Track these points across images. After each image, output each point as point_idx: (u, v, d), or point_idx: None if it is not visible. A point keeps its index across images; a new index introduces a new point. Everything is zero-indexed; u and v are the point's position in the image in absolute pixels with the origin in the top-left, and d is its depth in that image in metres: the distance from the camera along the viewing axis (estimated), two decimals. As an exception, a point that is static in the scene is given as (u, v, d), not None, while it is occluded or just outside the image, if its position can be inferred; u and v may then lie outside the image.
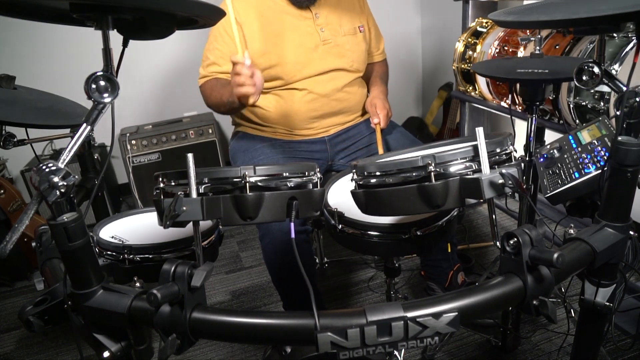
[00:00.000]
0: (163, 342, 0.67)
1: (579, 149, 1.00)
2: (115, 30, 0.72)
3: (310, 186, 0.84)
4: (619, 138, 0.75)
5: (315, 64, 1.60)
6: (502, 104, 2.19)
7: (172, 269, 0.67)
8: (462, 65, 2.34)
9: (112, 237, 1.11)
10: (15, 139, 1.21)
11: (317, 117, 1.66)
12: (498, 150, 0.80)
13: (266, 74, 1.58)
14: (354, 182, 0.88)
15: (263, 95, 1.65)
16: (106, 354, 0.76)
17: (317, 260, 2.02)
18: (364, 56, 1.73)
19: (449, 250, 1.70)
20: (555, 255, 0.64)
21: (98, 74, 0.69)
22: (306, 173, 0.84)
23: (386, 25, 1.88)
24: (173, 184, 0.80)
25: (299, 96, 1.61)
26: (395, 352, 1.28)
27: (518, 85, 1.40)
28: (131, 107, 2.92)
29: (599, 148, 0.95)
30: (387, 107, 1.65)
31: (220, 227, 1.16)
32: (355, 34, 1.69)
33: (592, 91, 1.58)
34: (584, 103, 1.63)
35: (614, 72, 1.44)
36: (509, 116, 1.89)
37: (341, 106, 1.68)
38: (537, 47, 1.38)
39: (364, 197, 0.85)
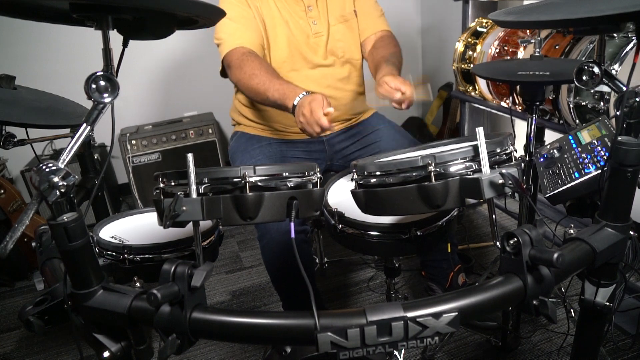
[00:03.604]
0: (163, 342, 0.67)
1: (579, 149, 1.00)
2: (115, 30, 0.72)
3: (310, 186, 0.84)
4: (619, 138, 0.75)
5: (305, 58, 1.59)
6: (502, 104, 2.19)
7: (172, 269, 0.67)
8: (462, 65, 2.34)
9: (112, 237, 1.11)
10: (15, 139, 1.21)
11: None
12: (498, 150, 0.80)
13: None
14: (354, 181, 0.88)
15: None
16: (106, 354, 0.76)
17: (317, 260, 2.02)
18: (355, 41, 1.68)
19: (449, 251, 1.70)
20: (555, 255, 0.64)
21: (98, 74, 0.69)
22: (306, 173, 0.84)
23: (386, 25, 1.88)
24: (173, 184, 0.80)
25: None
26: (395, 352, 1.28)
27: (518, 86, 1.40)
28: (131, 107, 2.92)
29: (599, 148, 0.95)
30: (401, 78, 1.36)
31: (220, 227, 1.16)
32: (347, 20, 1.65)
33: (592, 91, 1.59)
34: (584, 103, 1.63)
35: (614, 72, 1.44)
36: (509, 116, 1.89)
37: (335, 103, 1.65)
38: (537, 49, 1.38)
39: (364, 197, 0.85)
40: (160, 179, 0.81)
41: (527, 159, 1.31)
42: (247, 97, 1.52)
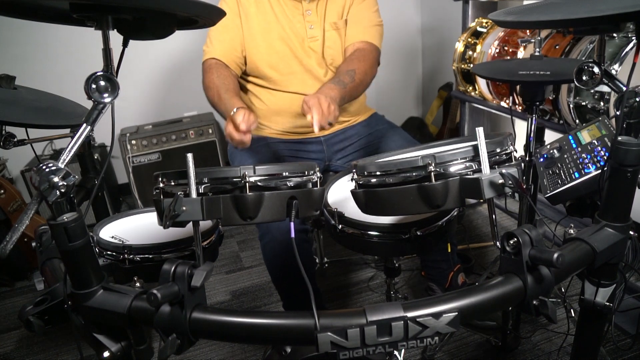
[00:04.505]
0: (163, 342, 0.67)
1: (579, 149, 1.00)
2: (115, 30, 0.72)
3: (310, 186, 0.84)
4: (619, 138, 0.75)
5: (300, 61, 1.60)
6: (502, 104, 2.19)
7: (172, 269, 0.67)
8: (462, 65, 2.34)
9: (112, 237, 1.11)
10: (15, 139, 1.21)
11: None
12: (498, 150, 0.80)
13: (255, 62, 1.60)
14: (354, 181, 0.88)
15: (257, 91, 1.66)
16: (106, 354, 0.76)
17: (317, 260, 2.02)
18: (342, 50, 1.66)
19: (449, 251, 1.70)
20: (555, 255, 0.64)
21: (98, 74, 0.69)
22: (306, 173, 0.84)
23: (386, 25, 1.87)
24: (173, 184, 0.80)
25: (288, 94, 1.62)
26: (395, 352, 1.28)
27: (518, 85, 1.40)
28: (131, 107, 2.92)
29: (599, 148, 0.95)
30: (318, 98, 1.24)
31: (220, 227, 1.16)
32: (338, 29, 1.64)
33: (592, 91, 1.59)
34: (584, 103, 1.63)
35: (614, 72, 1.44)
36: (509, 116, 1.89)
37: None
38: (537, 49, 1.38)
39: (364, 197, 0.85)
40: (160, 179, 0.81)
41: (527, 159, 1.31)
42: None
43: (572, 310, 1.61)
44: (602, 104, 1.56)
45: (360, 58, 1.56)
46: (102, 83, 0.69)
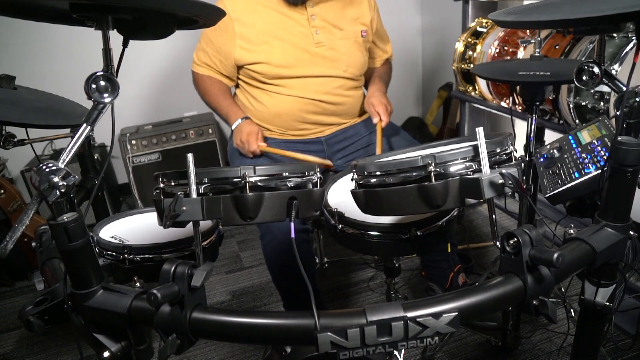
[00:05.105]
0: (163, 342, 0.67)
1: (579, 149, 1.00)
2: (115, 30, 0.72)
3: (310, 186, 0.84)
4: (619, 138, 0.75)
5: (305, 66, 1.59)
6: (502, 104, 2.19)
7: (172, 269, 0.67)
8: (462, 65, 2.34)
9: (112, 237, 1.11)
10: (15, 139, 1.21)
11: (310, 118, 1.65)
12: (498, 150, 0.80)
13: (255, 68, 1.60)
14: (354, 181, 0.88)
15: (256, 93, 1.66)
16: (106, 354, 0.76)
17: (317, 260, 2.02)
18: (361, 61, 1.70)
19: (449, 251, 1.70)
20: (555, 255, 0.64)
21: (98, 74, 0.69)
22: (306, 173, 0.84)
23: (386, 25, 1.88)
24: (173, 184, 0.80)
25: (289, 97, 1.61)
26: (395, 352, 1.28)
27: (518, 86, 1.40)
28: (131, 107, 2.92)
29: (599, 148, 0.95)
30: (385, 102, 1.61)
31: (220, 227, 1.16)
32: (356, 39, 1.66)
33: (592, 91, 1.59)
34: (584, 103, 1.63)
35: (614, 72, 1.44)
36: (509, 116, 1.89)
37: (335, 109, 1.67)
38: (537, 50, 1.38)
39: (364, 197, 0.85)
40: (160, 179, 0.81)
41: (527, 159, 1.31)
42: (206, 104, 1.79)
43: (572, 310, 1.61)
44: (602, 104, 1.56)
45: (388, 69, 1.91)
46: (102, 83, 0.69)
